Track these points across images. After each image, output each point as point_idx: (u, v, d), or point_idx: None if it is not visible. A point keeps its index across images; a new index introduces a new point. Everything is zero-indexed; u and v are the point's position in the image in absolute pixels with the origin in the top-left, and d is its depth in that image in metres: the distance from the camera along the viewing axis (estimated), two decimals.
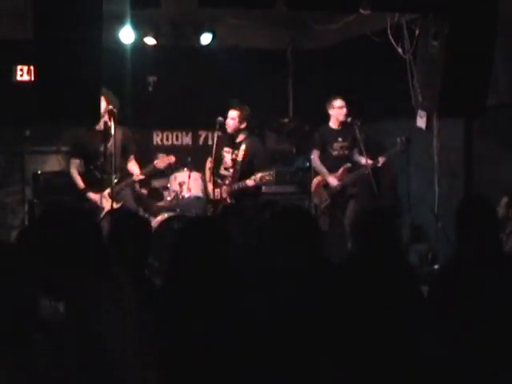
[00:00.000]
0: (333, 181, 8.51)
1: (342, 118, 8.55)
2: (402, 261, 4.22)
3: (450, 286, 3.78)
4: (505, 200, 6.98)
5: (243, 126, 8.24)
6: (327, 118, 8.78)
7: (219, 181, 8.22)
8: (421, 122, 8.53)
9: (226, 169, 8.18)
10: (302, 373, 3.37)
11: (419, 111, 8.40)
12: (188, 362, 3.13)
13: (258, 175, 7.99)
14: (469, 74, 6.98)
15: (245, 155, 8.17)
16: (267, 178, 7.98)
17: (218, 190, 8.14)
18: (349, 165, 8.52)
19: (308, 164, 9.65)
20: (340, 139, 8.62)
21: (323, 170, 8.61)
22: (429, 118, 8.50)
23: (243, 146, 8.19)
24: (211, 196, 8.18)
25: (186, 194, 8.88)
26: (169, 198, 9.24)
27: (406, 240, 9.20)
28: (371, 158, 8.37)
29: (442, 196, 9.00)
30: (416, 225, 9.47)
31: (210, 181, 8.29)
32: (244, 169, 8.19)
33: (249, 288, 3.44)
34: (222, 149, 8.19)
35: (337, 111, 8.59)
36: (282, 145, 10.76)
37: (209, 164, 8.39)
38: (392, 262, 3.95)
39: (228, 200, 8.12)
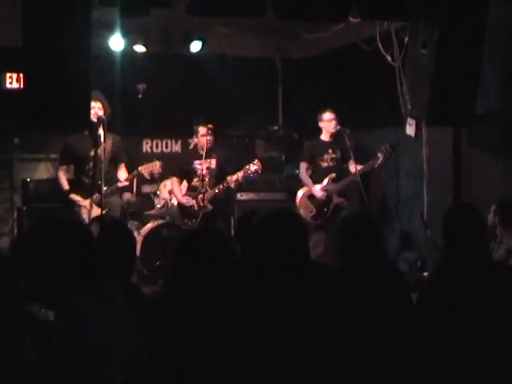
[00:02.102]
0: (318, 192, 8.58)
1: (331, 130, 8.61)
2: (391, 267, 4.22)
3: (438, 292, 3.79)
4: (493, 207, 6.99)
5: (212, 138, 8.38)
6: (318, 129, 8.81)
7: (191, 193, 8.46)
8: (410, 129, 8.56)
9: (199, 180, 8.29)
10: (292, 374, 3.37)
11: (408, 119, 8.43)
12: (182, 372, 3.12)
13: (244, 168, 8.27)
14: (457, 82, 7.00)
15: (217, 162, 8.40)
16: (254, 167, 8.17)
17: (193, 201, 8.39)
18: (333, 175, 8.56)
19: (297, 171, 9.69)
20: (330, 151, 8.67)
21: (309, 181, 8.72)
22: (418, 125, 8.53)
23: (214, 155, 8.40)
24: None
25: (176, 202, 8.89)
26: (158, 206, 9.24)
27: (396, 247, 9.23)
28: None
29: (431, 203, 9.02)
30: (405, 232, 9.49)
31: (184, 194, 8.52)
32: (217, 176, 8.39)
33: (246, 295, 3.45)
34: (192, 163, 8.39)
35: (326, 124, 8.65)
36: (271, 152, 10.78)
37: (175, 180, 8.62)
38: (381, 268, 3.96)
39: (209, 207, 8.29)
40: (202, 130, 8.33)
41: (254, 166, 8.24)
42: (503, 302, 3.69)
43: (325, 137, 8.72)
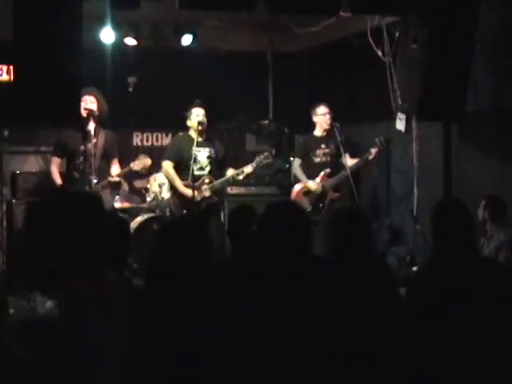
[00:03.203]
0: (313, 184, 8.45)
1: (326, 125, 8.50)
2: (379, 261, 4.24)
3: (426, 287, 3.81)
4: (483, 202, 7.02)
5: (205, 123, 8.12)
6: (310, 123, 8.73)
7: (191, 182, 7.92)
8: (400, 124, 8.58)
9: (201, 168, 8.07)
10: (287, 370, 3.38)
11: (399, 114, 8.45)
12: (173, 364, 3.12)
13: (255, 160, 8.06)
14: (448, 77, 7.02)
15: (217, 152, 8.17)
16: (266, 160, 8.04)
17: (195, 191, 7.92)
18: (328, 170, 8.46)
19: (287, 166, 9.67)
20: (323, 146, 8.55)
21: (303, 177, 8.58)
22: (408, 120, 8.55)
23: (211, 143, 8.17)
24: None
25: (166, 195, 8.87)
26: (148, 199, 9.23)
27: (385, 242, 9.24)
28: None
29: (420, 199, 9.04)
30: (395, 227, 9.50)
31: (182, 183, 8.01)
32: (219, 165, 8.18)
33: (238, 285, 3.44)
34: (191, 149, 7.97)
35: (321, 118, 8.54)
36: (262, 146, 10.76)
37: (171, 166, 8.13)
38: (369, 262, 3.97)
39: (214, 198, 8.05)
40: (196, 110, 8.04)
41: (266, 159, 8.11)
42: (490, 297, 3.70)
43: (318, 132, 8.62)
